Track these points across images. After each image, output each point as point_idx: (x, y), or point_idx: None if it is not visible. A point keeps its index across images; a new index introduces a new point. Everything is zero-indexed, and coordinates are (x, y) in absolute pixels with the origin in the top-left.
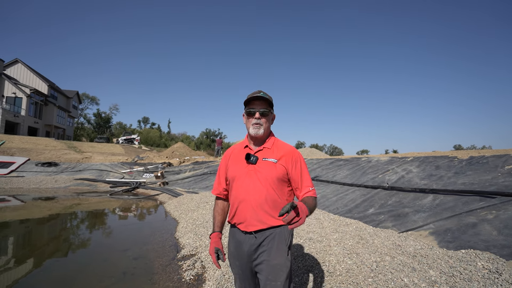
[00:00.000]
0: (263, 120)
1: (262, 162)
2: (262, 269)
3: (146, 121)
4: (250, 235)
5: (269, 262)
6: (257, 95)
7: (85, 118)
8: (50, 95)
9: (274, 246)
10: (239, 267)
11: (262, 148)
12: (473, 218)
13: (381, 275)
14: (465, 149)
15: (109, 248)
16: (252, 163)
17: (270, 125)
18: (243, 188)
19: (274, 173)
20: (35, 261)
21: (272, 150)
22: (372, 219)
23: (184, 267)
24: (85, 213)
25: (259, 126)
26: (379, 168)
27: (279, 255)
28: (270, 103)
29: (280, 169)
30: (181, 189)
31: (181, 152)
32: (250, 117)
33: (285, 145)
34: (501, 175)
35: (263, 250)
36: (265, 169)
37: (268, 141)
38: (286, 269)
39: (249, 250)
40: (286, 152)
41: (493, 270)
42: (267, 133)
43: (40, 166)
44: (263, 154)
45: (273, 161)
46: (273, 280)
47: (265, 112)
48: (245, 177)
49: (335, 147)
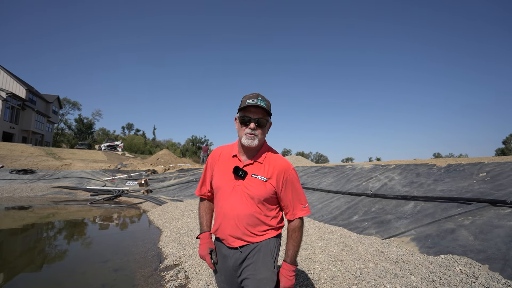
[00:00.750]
0: (259, 131)
1: (250, 179)
2: (248, 284)
3: (131, 127)
4: (235, 250)
5: (254, 277)
6: (254, 103)
7: (65, 123)
8: (28, 99)
9: (259, 260)
10: (223, 281)
11: (252, 162)
12: (451, 224)
13: (365, 282)
14: (444, 157)
15: (88, 260)
16: (240, 178)
17: (265, 136)
18: (228, 202)
19: (262, 192)
20: (5, 277)
21: (264, 166)
22: (356, 226)
23: (167, 277)
24: (62, 222)
25: (253, 137)
26: (363, 175)
27: (265, 269)
28: (268, 112)
29: (269, 188)
30: (166, 197)
31: (166, 159)
32: (244, 125)
33: (279, 160)
34: (476, 182)
35: (248, 263)
36: (253, 187)
37: (260, 154)
38: (272, 283)
39: (234, 265)
40: (278, 170)
41: (470, 275)
42: (261, 144)
43: (15, 174)
44: (253, 169)
45: (263, 179)
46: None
47: (262, 122)
48: (231, 192)
49: (320, 154)
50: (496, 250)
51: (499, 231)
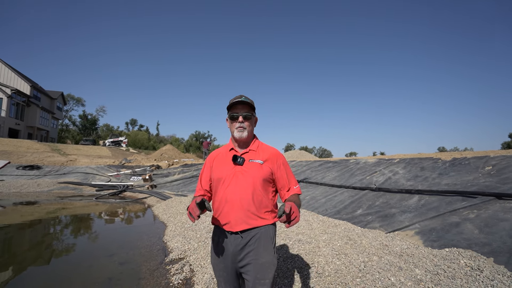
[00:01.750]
0: (247, 123)
1: (249, 163)
2: (249, 270)
3: (134, 123)
4: (236, 235)
5: (257, 261)
6: (239, 100)
7: (70, 119)
8: (32, 95)
9: (261, 245)
10: (223, 269)
11: (248, 151)
12: (456, 217)
13: (369, 275)
14: (449, 151)
15: (94, 254)
16: (239, 164)
17: (253, 128)
18: (230, 189)
19: (260, 174)
20: (14, 269)
21: (258, 152)
22: (360, 219)
23: (172, 271)
24: (69, 217)
25: (242, 129)
26: (366, 169)
27: (266, 253)
28: (252, 107)
29: (266, 170)
30: (170, 192)
31: (170, 155)
32: (234, 121)
33: (270, 148)
34: (482, 175)
35: (250, 250)
36: (252, 170)
37: (253, 144)
38: (273, 267)
39: (234, 250)
40: (271, 154)
41: (475, 268)
42: (251, 135)
43: (22, 170)
44: (250, 156)
45: (260, 162)
46: (262, 278)
47: (248, 116)
48: (232, 178)
49: (324, 149)
50: (502, 243)
51: (504, 225)
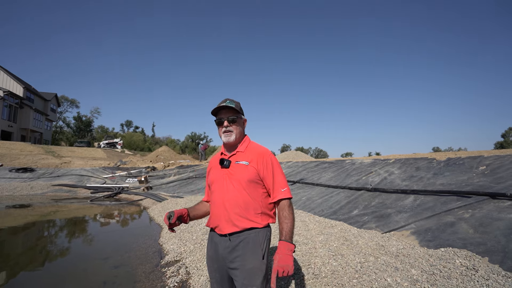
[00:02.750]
0: (233, 126)
1: (235, 165)
2: (237, 275)
3: (129, 124)
4: (225, 238)
5: (244, 267)
6: (221, 105)
7: (64, 121)
8: (26, 97)
9: (248, 250)
10: (217, 270)
11: (235, 153)
12: (451, 217)
13: (365, 275)
14: (443, 151)
15: (89, 257)
16: (225, 167)
17: (242, 130)
18: (218, 191)
19: (246, 175)
20: (7, 274)
21: (245, 153)
22: (357, 220)
23: (168, 273)
24: (63, 220)
25: (229, 133)
26: (362, 170)
27: (253, 258)
28: (236, 110)
29: (251, 170)
30: (166, 193)
31: (166, 156)
32: (220, 126)
33: (258, 147)
34: (476, 175)
35: (238, 255)
36: (237, 172)
37: (242, 145)
38: (261, 273)
39: (224, 253)
40: (257, 154)
41: (470, 267)
42: (239, 138)
43: (14, 172)
44: (236, 157)
45: (245, 163)
46: (249, 284)
47: (233, 119)
48: (220, 181)
49: (320, 150)
50: (496, 243)
51: (498, 224)
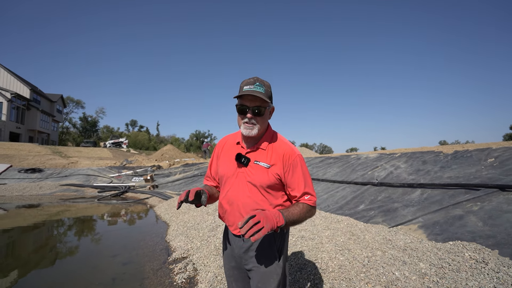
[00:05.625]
0: (257, 119)
1: (253, 166)
2: (252, 276)
3: (134, 124)
4: (239, 238)
5: (258, 269)
6: (249, 93)
7: (70, 122)
8: (32, 99)
9: (263, 253)
10: (234, 268)
11: (255, 149)
12: (460, 210)
13: (373, 269)
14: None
15: (98, 255)
16: (243, 165)
17: (267, 122)
18: (232, 190)
19: (265, 180)
20: (19, 272)
21: (267, 152)
22: (363, 215)
23: (176, 270)
24: (72, 219)
25: (252, 126)
26: (368, 164)
27: (268, 261)
28: (266, 99)
29: (272, 175)
30: (172, 191)
31: (171, 155)
32: (242, 114)
33: (283, 146)
34: (484, 167)
35: (252, 255)
36: (255, 174)
37: (264, 140)
38: (276, 277)
39: (239, 253)
40: (282, 155)
41: (480, 260)
42: (262, 131)
43: (24, 173)
44: (256, 156)
45: (266, 166)
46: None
47: (260, 110)
48: (235, 179)
49: (325, 145)
50: (506, 235)
51: (508, 216)
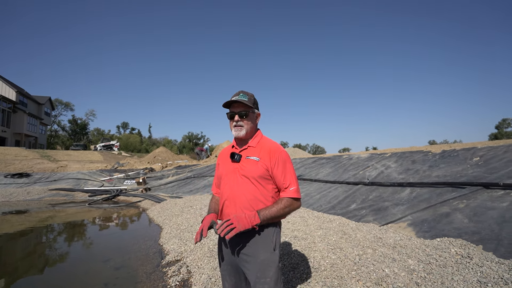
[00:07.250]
0: (244, 121)
1: (245, 161)
2: (249, 268)
3: (126, 126)
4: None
5: (256, 259)
6: (233, 99)
7: (59, 125)
8: (19, 101)
9: (259, 244)
10: (228, 262)
11: (247, 147)
12: (447, 208)
13: (364, 267)
14: (439, 144)
15: (90, 260)
16: (236, 162)
17: (254, 125)
18: (228, 186)
19: (256, 171)
20: (7, 280)
21: (256, 149)
22: (355, 214)
23: (169, 273)
24: (62, 225)
25: (240, 128)
26: (359, 164)
27: (265, 250)
28: (249, 104)
29: (262, 167)
30: (164, 194)
31: (163, 157)
32: (231, 120)
33: (270, 143)
34: (470, 166)
35: (249, 247)
36: (247, 167)
37: (253, 140)
38: (273, 264)
39: (235, 247)
40: (269, 150)
41: (465, 255)
42: (250, 133)
43: (10, 178)
44: (247, 152)
45: (256, 159)
46: (262, 277)
47: (245, 114)
48: (230, 175)
49: (317, 146)
50: (490, 231)
51: (492, 213)
